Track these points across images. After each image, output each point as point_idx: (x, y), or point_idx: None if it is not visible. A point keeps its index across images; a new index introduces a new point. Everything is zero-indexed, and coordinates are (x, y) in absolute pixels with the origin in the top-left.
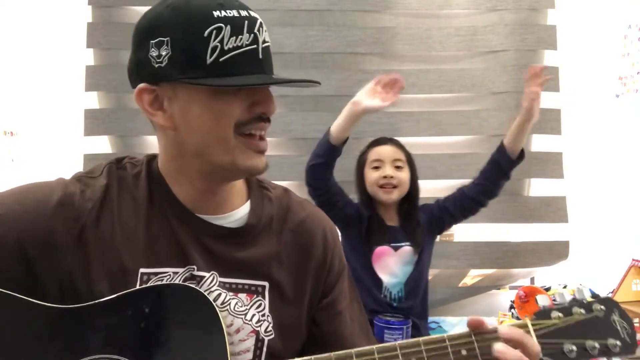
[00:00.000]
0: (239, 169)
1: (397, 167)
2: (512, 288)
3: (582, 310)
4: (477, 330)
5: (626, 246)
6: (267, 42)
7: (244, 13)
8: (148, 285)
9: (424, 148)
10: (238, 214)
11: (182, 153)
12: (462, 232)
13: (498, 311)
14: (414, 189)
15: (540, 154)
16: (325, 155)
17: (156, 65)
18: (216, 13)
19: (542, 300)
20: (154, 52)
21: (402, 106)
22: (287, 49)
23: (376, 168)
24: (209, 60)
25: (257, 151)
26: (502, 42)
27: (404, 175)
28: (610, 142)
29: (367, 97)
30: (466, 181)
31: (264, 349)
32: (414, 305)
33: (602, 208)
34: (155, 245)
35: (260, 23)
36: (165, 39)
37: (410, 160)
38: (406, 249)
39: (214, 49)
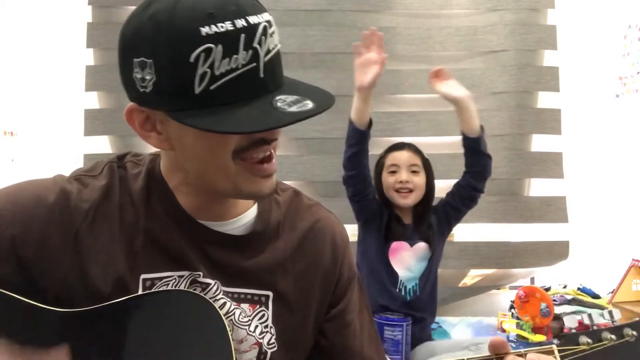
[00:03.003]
0: (243, 194)
1: (414, 172)
2: (512, 288)
3: (613, 336)
4: (499, 352)
5: (626, 246)
6: (274, 48)
7: (240, 23)
8: (153, 290)
9: (424, 148)
10: (244, 219)
11: (183, 169)
12: (462, 232)
13: (498, 311)
14: (429, 192)
15: (540, 154)
16: (358, 143)
17: (141, 90)
18: (205, 30)
19: (570, 322)
20: (137, 74)
21: (402, 106)
22: (287, 49)
23: (393, 173)
24: (197, 90)
25: (262, 176)
26: (502, 42)
27: (420, 179)
28: (610, 142)
29: (361, 75)
30: None
31: None
32: (425, 300)
33: (602, 208)
34: (155, 251)
35: (265, 27)
36: (148, 61)
37: (426, 164)
38: (421, 244)
39: (203, 75)
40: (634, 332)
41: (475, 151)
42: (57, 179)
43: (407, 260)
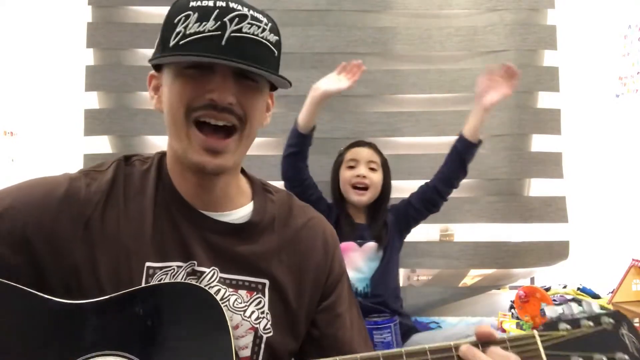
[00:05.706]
0: (189, 161)
1: (372, 169)
2: (512, 288)
3: (591, 323)
4: (485, 340)
5: (626, 246)
6: (249, 34)
7: (220, 4)
8: (155, 283)
9: (424, 148)
10: (241, 212)
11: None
12: (462, 232)
13: (498, 311)
14: (385, 192)
15: (540, 154)
16: (297, 144)
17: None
18: (192, 3)
19: (550, 312)
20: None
21: (402, 106)
22: (287, 49)
23: (351, 167)
24: (171, 44)
25: (204, 148)
26: (502, 42)
27: (377, 177)
28: (610, 142)
29: (326, 82)
30: (465, 181)
31: (262, 345)
32: (381, 301)
33: (602, 208)
34: (160, 240)
35: (244, 14)
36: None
37: (385, 164)
38: (370, 244)
39: (178, 33)
40: (611, 321)
41: (460, 157)
42: (65, 175)
43: (355, 261)
